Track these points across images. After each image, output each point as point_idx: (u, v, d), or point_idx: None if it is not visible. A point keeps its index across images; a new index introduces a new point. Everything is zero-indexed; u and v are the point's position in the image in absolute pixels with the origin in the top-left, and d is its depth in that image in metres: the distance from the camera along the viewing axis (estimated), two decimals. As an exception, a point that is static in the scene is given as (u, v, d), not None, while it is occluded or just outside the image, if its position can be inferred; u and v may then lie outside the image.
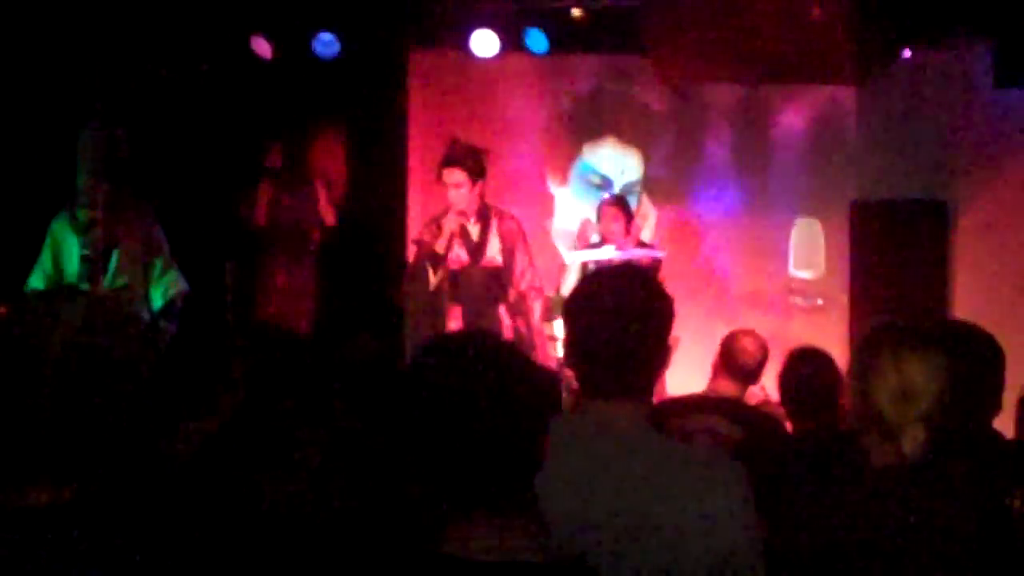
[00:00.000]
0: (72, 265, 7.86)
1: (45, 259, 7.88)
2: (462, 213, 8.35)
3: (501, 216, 8.55)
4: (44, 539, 2.28)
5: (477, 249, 8.43)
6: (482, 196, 8.41)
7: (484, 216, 8.45)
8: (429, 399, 2.36)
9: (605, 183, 11.80)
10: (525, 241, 8.58)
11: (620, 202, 9.95)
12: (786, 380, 5.62)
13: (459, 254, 8.45)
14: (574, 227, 11.67)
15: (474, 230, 8.44)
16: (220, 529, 3.16)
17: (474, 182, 8.27)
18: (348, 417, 4.38)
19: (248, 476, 3.64)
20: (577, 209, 11.77)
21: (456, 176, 8.24)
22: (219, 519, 3.28)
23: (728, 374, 6.01)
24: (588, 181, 11.86)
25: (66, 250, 7.91)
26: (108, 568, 2.29)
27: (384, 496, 3.39)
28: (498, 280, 8.50)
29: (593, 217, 10.28)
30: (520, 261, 8.49)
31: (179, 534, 2.45)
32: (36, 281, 7.68)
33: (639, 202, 11.68)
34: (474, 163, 8.28)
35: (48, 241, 7.92)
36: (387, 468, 3.51)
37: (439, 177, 8.35)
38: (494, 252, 8.45)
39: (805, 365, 5.62)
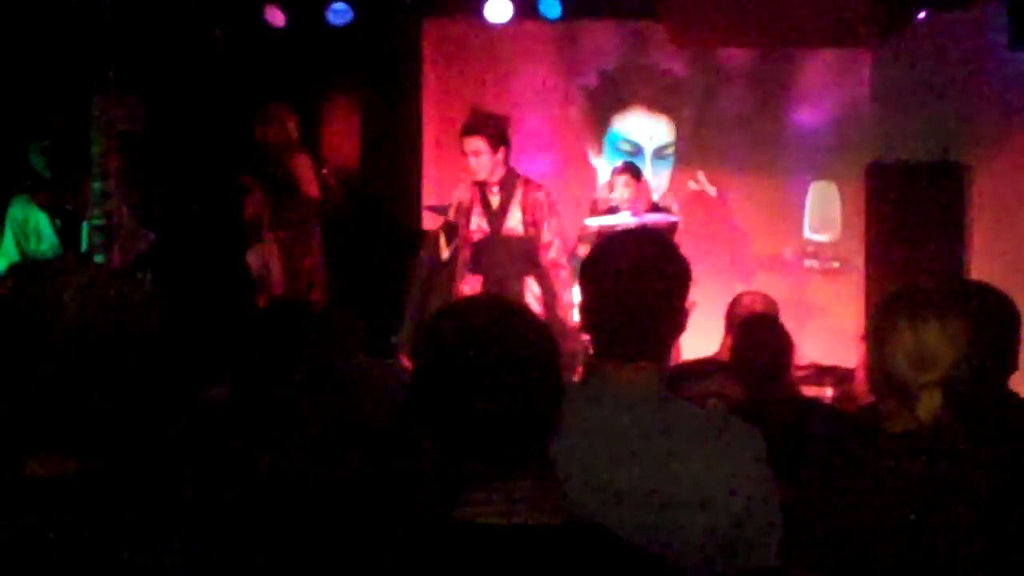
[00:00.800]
0: (43, 243, 7.85)
1: (7, 245, 7.86)
2: (476, 184, 8.33)
3: (527, 185, 8.49)
4: (45, 512, 2.28)
5: (497, 219, 8.40)
6: (506, 164, 8.36)
7: (508, 185, 8.40)
8: (441, 363, 2.36)
9: (636, 149, 11.80)
10: (554, 212, 8.51)
11: (630, 168, 9.89)
12: (738, 349, 5.58)
13: (480, 224, 8.43)
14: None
15: (495, 199, 8.41)
16: (225, 498, 3.16)
17: (495, 149, 8.22)
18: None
19: (252, 446, 3.65)
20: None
21: (475, 144, 8.20)
22: (224, 488, 3.29)
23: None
24: (619, 149, 11.84)
25: (32, 229, 7.90)
26: (114, 541, 2.29)
27: (396, 462, 3.39)
28: (523, 251, 8.45)
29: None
30: (547, 233, 8.42)
31: (186, 508, 2.45)
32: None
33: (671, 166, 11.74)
34: (494, 130, 8.23)
35: (8, 225, 7.89)
36: (399, 433, 3.52)
37: (461, 146, 8.31)
38: (514, 222, 8.40)
39: (757, 332, 5.58)
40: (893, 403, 3.35)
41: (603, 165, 11.90)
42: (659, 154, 11.71)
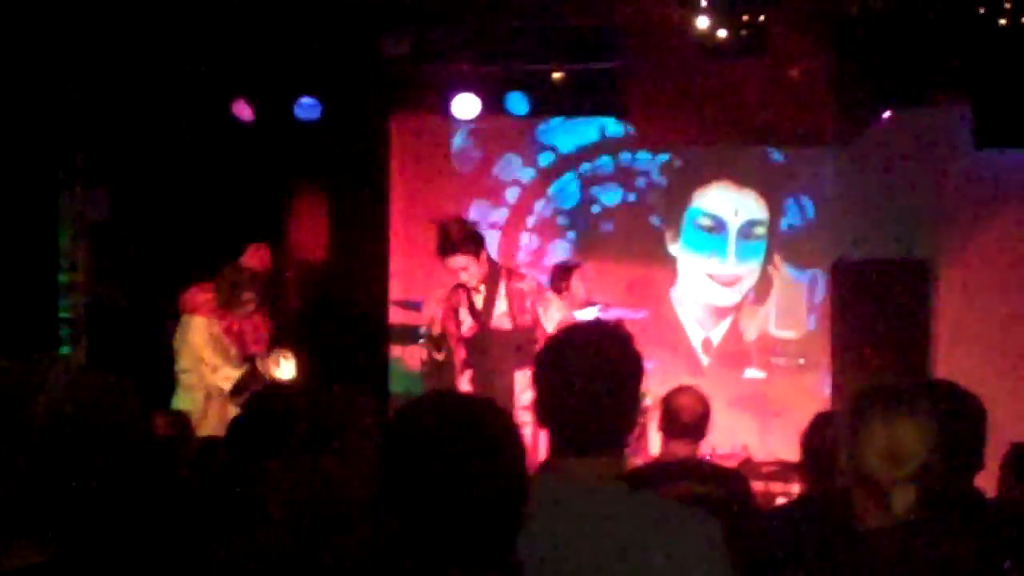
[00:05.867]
0: None
1: None
2: (453, 290, 8.35)
3: (510, 277, 8.49)
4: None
5: (483, 315, 8.39)
6: (488, 259, 8.36)
7: (491, 280, 8.39)
8: (407, 460, 2.36)
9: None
10: (544, 298, 8.51)
11: (578, 268, 9.85)
12: (810, 443, 5.50)
13: (466, 320, 8.43)
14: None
15: (478, 298, 8.40)
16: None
17: (477, 256, 8.23)
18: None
19: (217, 535, 3.63)
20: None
21: (460, 261, 8.20)
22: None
23: (675, 435, 5.94)
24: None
25: None
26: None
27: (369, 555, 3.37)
28: (513, 345, 8.41)
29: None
30: (547, 322, 8.37)
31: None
32: None
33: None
34: (469, 240, 8.24)
35: None
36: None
37: (443, 261, 8.30)
38: (500, 316, 8.39)
39: (827, 429, 5.51)
40: (867, 499, 3.35)
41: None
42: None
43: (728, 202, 11.59)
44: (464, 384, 8.40)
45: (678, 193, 11.70)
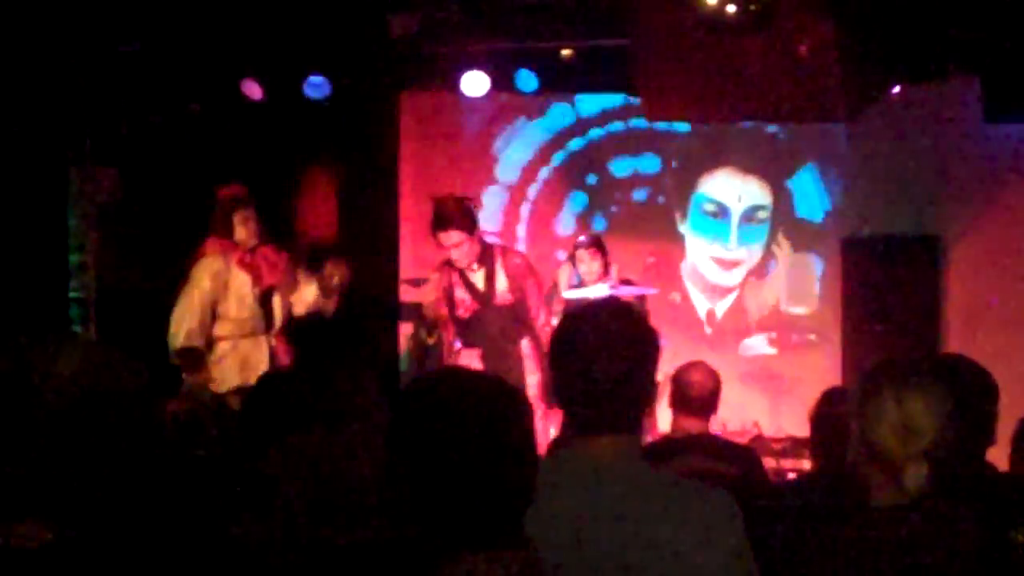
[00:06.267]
0: None
1: None
2: (446, 270, 8.36)
3: (505, 253, 8.53)
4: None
5: (486, 292, 8.41)
6: (480, 239, 8.38)
7: (487, 259, 8.42)
8: (415, 439, 2.36)
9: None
10: (534, 277, 8.56)
11: (596, 243, 9.81)
12: (819, 420, 5.48)
13: (465, 300, 8.43)
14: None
15: (478, 276, 8.42)
16: (199, 567, 3.14)
17: (471, 233, 8.23)
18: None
19: (227, 514, 3.63)
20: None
21: (453, 236, 8.21)
22: (198, 557, 3.26)
23: (686, 411, 5.95)
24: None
25: None
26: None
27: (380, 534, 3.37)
28: (514, 317, 8.48)
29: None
30: (532, 299, 8.47)
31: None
32: None
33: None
34: (465, 217, 8.25)
35: None
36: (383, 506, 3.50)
37: (435, 239, 8.31)
38: (503, 291, 8.44)
39: (837, 405, 5.50)
40: (879, 475, 3.34)
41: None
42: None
43: (732, 188, 11.70)
44: (474, 362, 8.42)
45: (685, 178, 11.80)
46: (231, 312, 8.34)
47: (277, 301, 8.56)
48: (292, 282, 8.61)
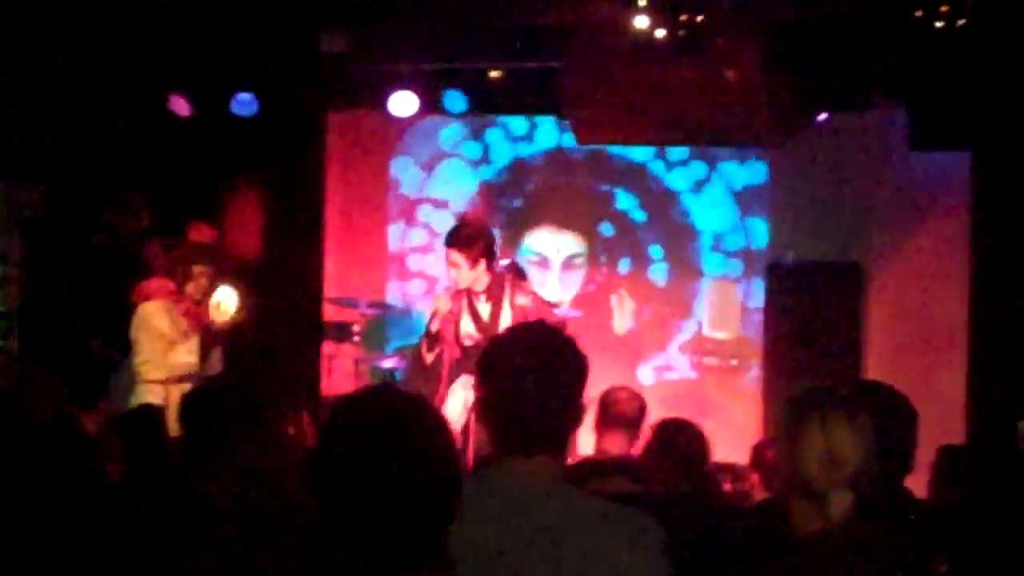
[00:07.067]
0: None
1: None
2: (458, 293, 8.29)
3: (514, 290, 8.43)
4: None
5: (489, 325, 8.34)
6: (491, 271, 8.26)
7: (495, 291, 8.32)
8: (339, 458, 2.36)
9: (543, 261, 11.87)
10: (543, 313, 8.47)
11: (513, 268, 9.84)
12: (660, 447, 5.54)
13: (469, 331, 8.36)
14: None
15: (485, 308, 8.34)
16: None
17: (474, 263, 8.12)
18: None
19: (162, 536, 3.61)
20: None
21: (453, 256, 8.11)
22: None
23: (611, 428, 5.99)
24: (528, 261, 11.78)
25: None
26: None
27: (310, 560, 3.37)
28: None
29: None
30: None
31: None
32: None
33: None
34: (473, 245, 8.14)
35: None
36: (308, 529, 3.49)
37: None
38: (506, 326, 8.36)
39: (678, 434, 5.57)
40: (804, 504, 3.36)
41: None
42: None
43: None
44: (469, 390, 8.30)
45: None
46: (179, 357, 8.28)
47: (217, 353, 8.54)
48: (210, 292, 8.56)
